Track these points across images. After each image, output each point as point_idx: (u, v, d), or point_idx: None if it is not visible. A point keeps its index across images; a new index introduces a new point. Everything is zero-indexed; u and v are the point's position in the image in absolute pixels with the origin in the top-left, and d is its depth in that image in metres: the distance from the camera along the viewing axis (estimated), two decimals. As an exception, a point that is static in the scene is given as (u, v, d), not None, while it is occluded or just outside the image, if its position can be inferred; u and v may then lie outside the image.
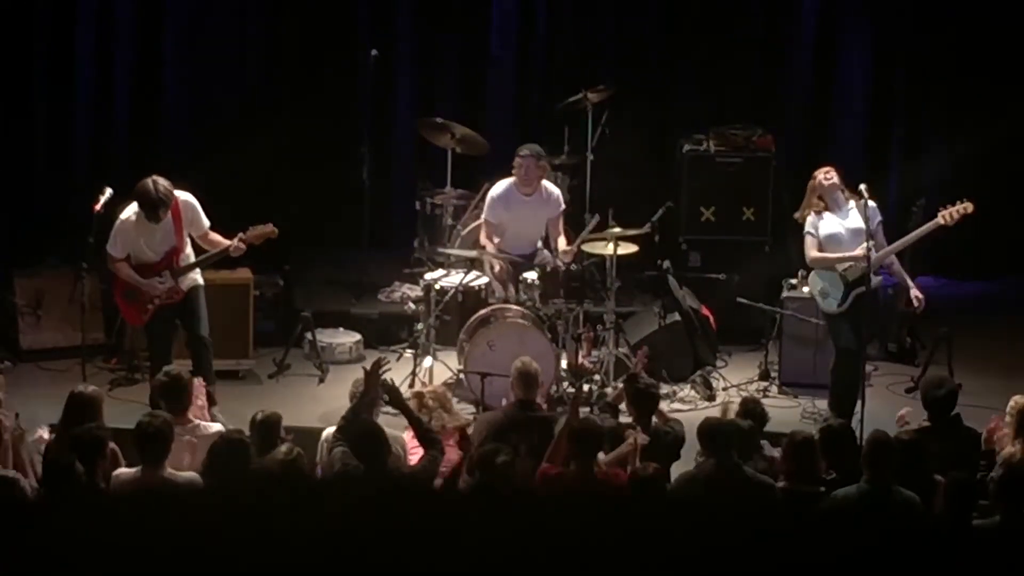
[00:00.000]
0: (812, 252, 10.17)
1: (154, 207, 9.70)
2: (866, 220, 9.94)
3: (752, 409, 8.94)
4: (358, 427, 8.27)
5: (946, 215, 9.90)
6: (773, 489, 7.96)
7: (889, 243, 10.11)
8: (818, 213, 10.15)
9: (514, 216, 11.17)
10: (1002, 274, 13.27)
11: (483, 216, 11.26)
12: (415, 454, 8.55)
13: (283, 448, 8.02)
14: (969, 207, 9.86)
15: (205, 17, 13.24)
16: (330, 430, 8.66)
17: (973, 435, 8.82)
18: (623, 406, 9.28)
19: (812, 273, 10.37)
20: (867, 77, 13.41)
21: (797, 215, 10.30)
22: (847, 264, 10.01)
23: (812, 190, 10.22)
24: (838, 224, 10.10)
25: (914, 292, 10.16)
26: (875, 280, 10.10)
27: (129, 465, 8.12)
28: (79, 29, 12.90)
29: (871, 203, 10.04)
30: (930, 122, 13.28)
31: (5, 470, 7.95)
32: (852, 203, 10.09)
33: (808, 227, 10.17)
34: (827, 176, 10.18)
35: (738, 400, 9.60)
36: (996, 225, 12.55)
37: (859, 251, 9.88)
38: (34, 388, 10.64)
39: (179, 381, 8.74)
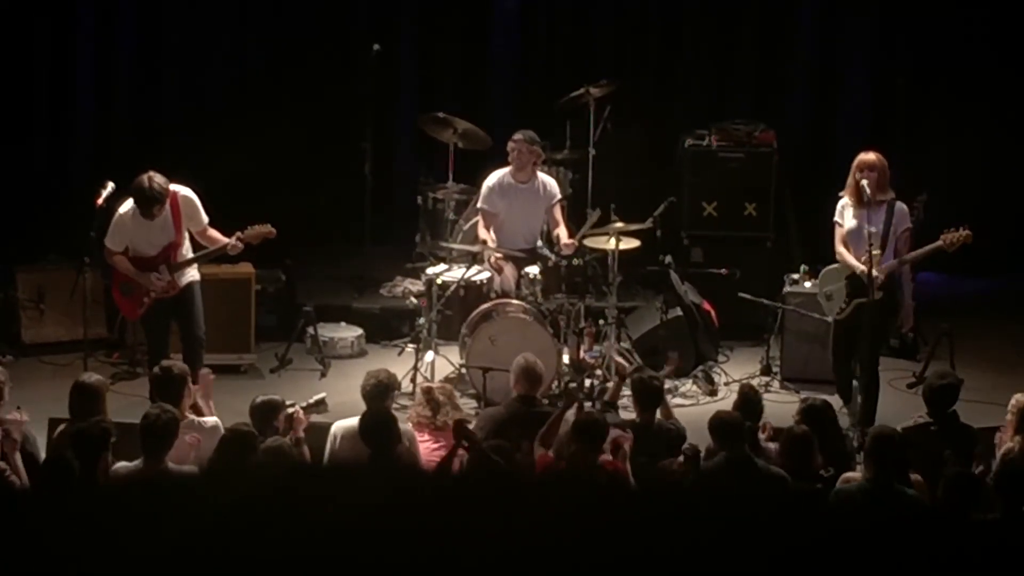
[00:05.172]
0: (838, 245, 9.95)
1: (148, 204, 9.69)
2: (888, 225, 9.75)
3: (749, 398, 8.95)
4: (371, 415, 8.34)
5: (947, 239, 9.74)
6: (785, 481, 7.92)
7: (910, 251, 9.90)
8: (853, 203, 9.85)
9: (510, 205, 11.18)
10: (1003, 271, 13.27)
11: (479, 204, 11.28)
12: (424, 447, 8.66)
13: (269, 439, 8.10)
14: (969, 236, 9.70)
15: (206, 11, 13.26)
16: (339, 423, 8.72)
17: (970, 431, 8.82)
18: (626, 403, 9.30)
19: (823, 272, 10.26)
20: (869, 72, 13.41)
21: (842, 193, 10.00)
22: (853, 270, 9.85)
23: (853, 170, 9.89)
24: (864, 220, 9.77)
25: (906, 314, 10.11)
26: (878, 293, 9.73)
27: (123, 460, 8.13)
28: (79, 25, 12.93)
29: (901, 206, 9.86)
30: (932, 117, 13.28)
31: None
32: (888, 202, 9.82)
33: (836, 215, 9.95)
34: (869, 171, 9.80)
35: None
36: (997, 222, 12.55)
37: (859, 262, 9.72)
38: (36, 382, 10.66)
39: (171, 375, 8.75)
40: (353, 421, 8.54)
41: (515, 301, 10.72)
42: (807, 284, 11.08)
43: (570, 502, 3.31)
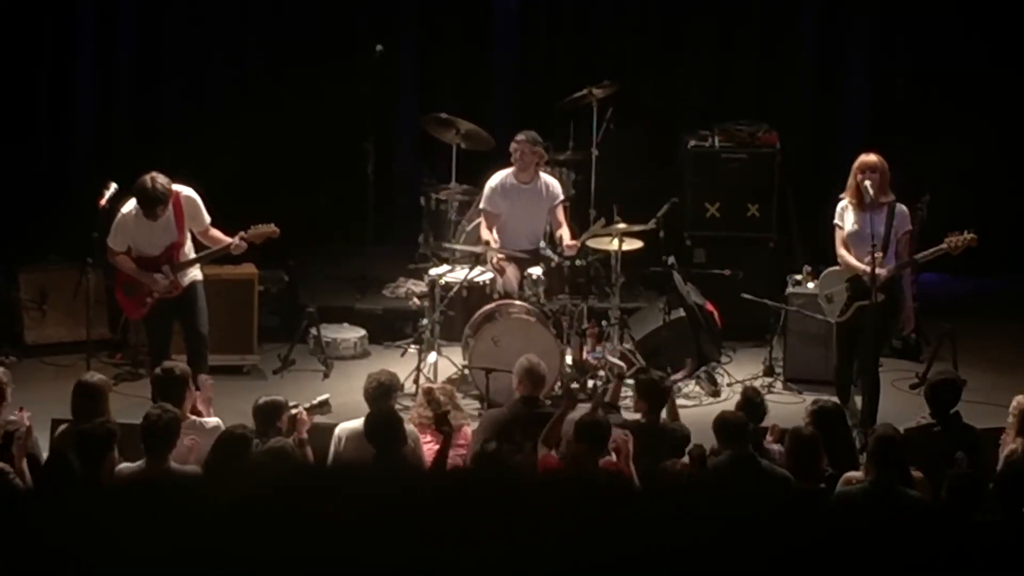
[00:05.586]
0: (838, 247, 9.89)
1: (151, 204, 9.69)
2: (888, 227, 9.68)
3: (751, 400, 8.94)
4: (377, 415, 8.35)
5: (952, 243, 9.67)
6: (789, 481, 7.91)
7: (912, 253, 9.85)
8: (854, 204, 9.78)
9: (512, 206, 11.18)
10: (1003, 271, 13.27)
11: (481, 205, 11.28)
12: (425, 448, 8.65)
13: (272, 440, 8.10)
14: (974, 239, 9.66)
15: (206, 12, 13.26)
16: (344, 425, 8.71)
17: (973, 433, 8.81)
18: (631, 402, 9.30)
19: (823, 275, 10.25)
20: (869, 72, 13.41)
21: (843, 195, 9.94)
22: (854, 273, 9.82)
23: (854, 172, 9.80)
24: (865, 222, 9.71)
25: (907, 316, 10.09)
26: (879, 296, 9.65)
27: (127, 460, 8.14)
28: (79, 25, 12.93)
29: (901, 208, 9.79)
30: (932, 117, 13.26)
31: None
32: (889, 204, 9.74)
33: (836, 217, 9.89)
34: (871, 172, 9.71)
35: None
36: (997, 222, 12.54)
37: (861, 264, 9.68)
38: (38, 383, 10.65)
39: (173, 376, 8.74)
40: (358, 423, 8.54)
41: (518, 302, 10.71)
42: (810, 285, 11.07)
43: (572, 502, 3.31)
